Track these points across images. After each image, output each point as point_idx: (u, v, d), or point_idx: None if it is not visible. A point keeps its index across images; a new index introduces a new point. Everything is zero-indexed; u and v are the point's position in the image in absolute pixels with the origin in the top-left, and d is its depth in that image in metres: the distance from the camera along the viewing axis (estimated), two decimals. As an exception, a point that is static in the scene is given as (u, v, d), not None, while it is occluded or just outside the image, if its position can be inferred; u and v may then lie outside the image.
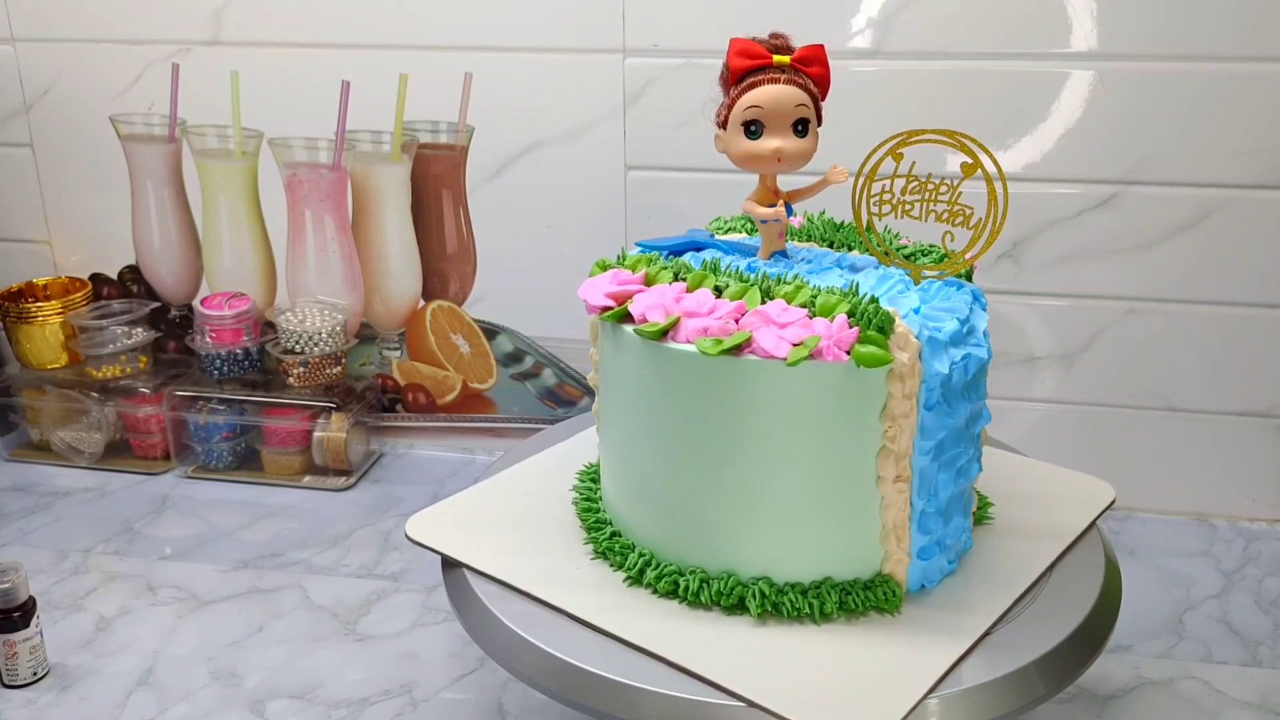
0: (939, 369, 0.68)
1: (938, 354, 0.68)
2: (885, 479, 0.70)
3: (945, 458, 0.72)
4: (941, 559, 0.75)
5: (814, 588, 0.73)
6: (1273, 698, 0.93)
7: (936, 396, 0.69)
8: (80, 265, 1.39)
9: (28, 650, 0.95)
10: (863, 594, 0.72)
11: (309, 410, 1.28)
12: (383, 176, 1.27)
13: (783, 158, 0.75)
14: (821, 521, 0.72)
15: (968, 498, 0.77)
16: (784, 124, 0.75)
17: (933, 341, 0.68)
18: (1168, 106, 1.08)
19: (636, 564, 0.76)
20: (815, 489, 0.71)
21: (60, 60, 1.30)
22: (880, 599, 0.72)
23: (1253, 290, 1.12)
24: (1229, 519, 1.21)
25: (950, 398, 0.70)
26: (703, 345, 0.69)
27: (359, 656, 0.99)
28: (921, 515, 0.72)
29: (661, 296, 0.73)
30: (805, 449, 0.70)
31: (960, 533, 0.76)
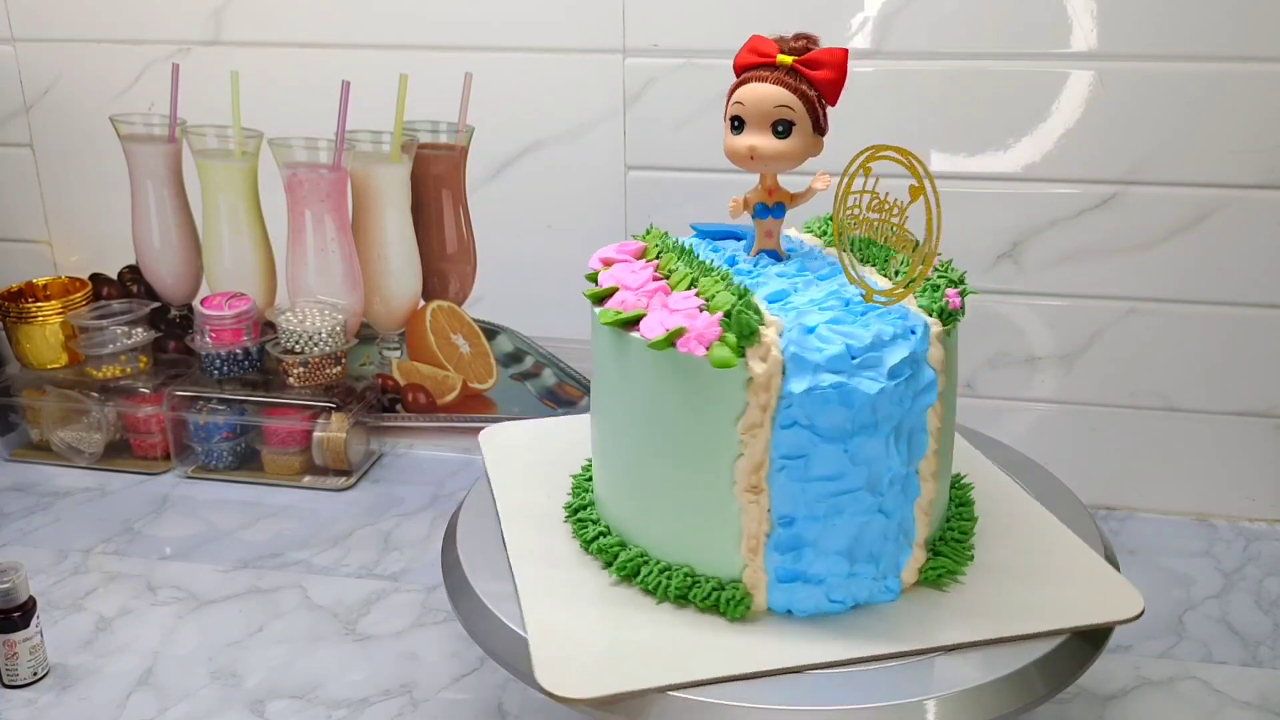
0: (795, 389, 0.66)
1: (800, 374, 0.67)
2: (739, 486, 0.70)
3: (813, 486, 0.69)
4: (814, 592, 0.72)
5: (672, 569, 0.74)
6: (1273, 698, 0.93)
7: (796, 417, 0.67)
8: (80, 265, 1.39)
9: (28, 650, 0.95)
10: (710, 590, 0.72)
11: (309, 410, 1.28)
12: (383, 176, 1.27)
13: (755, 156, 0.75)
14: (686, 512, 0.74)
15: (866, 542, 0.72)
16: (763, 123, 0.74)
17: (798, 360, 0.67)
18: (1168, 106, 1.08)
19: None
20: (680, 479, 0.73)
21: (60, 60, 1.30)
22: (723, 602, 0.72)
23: (1253, 290, 1.12)
24: (1229, 519, 1.21)
25: (818, 424, 0.68)
26: (604, 314, 0.73)
27: (359, 656, 0.99)
28: (779, 535, 0.71)
29: (627, 269, 0.77)
30: (672, 436, 0.72)
31: (847, 575, 0.72)
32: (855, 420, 0.68)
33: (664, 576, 0.74)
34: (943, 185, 1.17)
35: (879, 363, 0.67)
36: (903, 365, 0.68)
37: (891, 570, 0.73)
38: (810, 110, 0.74)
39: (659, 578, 0.74)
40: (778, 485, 0.69)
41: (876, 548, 0.72)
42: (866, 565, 0.72)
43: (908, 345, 0.68)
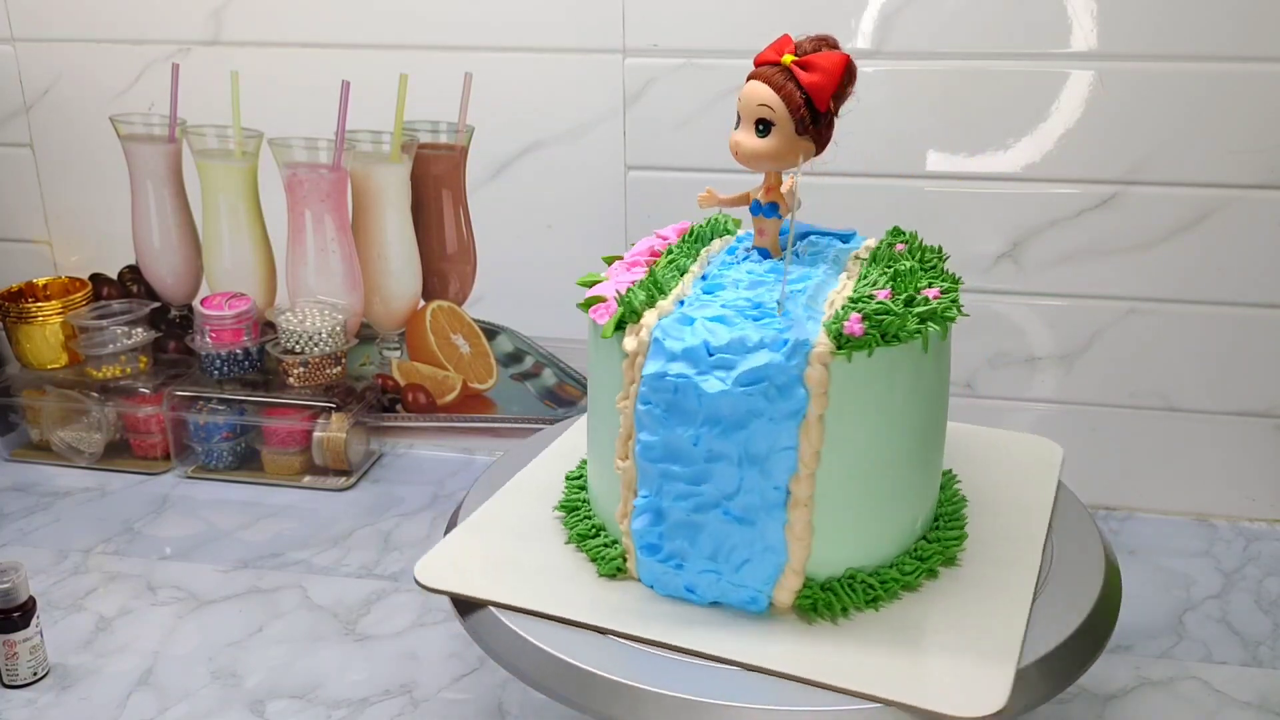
0: (648, 371, 0.69)
1: (656, 358, 0.69)
2: (616, 453, 0.74)
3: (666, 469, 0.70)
4: (675, 577, 0.72)
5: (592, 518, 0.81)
6: (1273, 698, 0.93)
7: (649, 398, 0.70)
8: (80, 265, 1.39)
9: (28, 650, 0.95)
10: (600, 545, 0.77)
11: (309, 410, 1.28)
12: (383, 176, 1.27)
13: (737, 153, 0.76)
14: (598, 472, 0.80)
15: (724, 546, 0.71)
16: (749, 120, 0.75)
17: (656, 344, 0.69)
18: (1168, 106, 1.08)
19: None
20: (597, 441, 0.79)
21: (60, 60, 1.30)
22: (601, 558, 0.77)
23: (1253, 290, 1.12)
24: (1229, 519, 1.21)
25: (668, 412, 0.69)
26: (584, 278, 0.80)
27: (359, 656, 0.99)
28: (639, 508, 0.73)
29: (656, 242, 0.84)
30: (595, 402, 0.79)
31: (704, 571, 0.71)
32: (703, 416, 0.68)
33: (580, 521, 0.80)
34: (943, 185, 1.18)
35: (732, 365, 0.67)
36: (756, 374, 0.67)
37: (756, 583, 0.71)
38: (794, 112, 0.74)
39: (577, 521, 0.80)
40: (638, 460, 0.72)
41: (734, 554, 0.71)
42: (722, 566, 0.71)
43: (768, 355, 0.67)
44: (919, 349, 0.71)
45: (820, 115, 0.75)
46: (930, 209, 1.15)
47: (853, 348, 0.67)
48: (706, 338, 0.68)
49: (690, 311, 0.71)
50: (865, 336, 0.67)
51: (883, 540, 0.75)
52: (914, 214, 1.14)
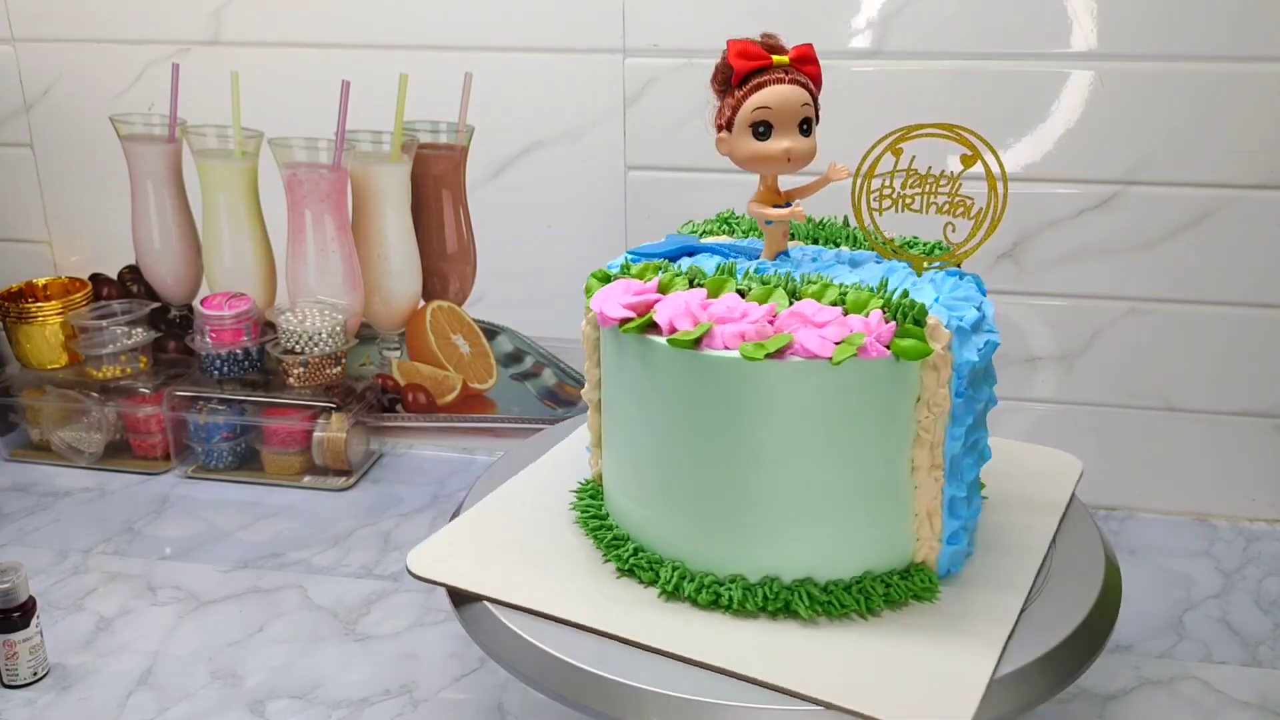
0: (968, 356, 0.70)
1: (965, 342, 0.70)
2: (921, 468, 0.72)
3: (970, 442, 0.74)
4: (965, 543, 0.77)
5: (856, 583, 0.73)
6: (1273, 698, 0.93)
7: (965, 384, 0.71)
8: (80, 265, 1.39)
9: (28, 650, 0.95)
10: (901, 584, 0.74)
11: (309, 410, 1.28)
12: (383, 176, 1.27)
13: (792, 158, 0.75)
14: (859, 516, 0.73)
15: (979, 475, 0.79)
16: (791, 124, 0.75)
17: (960, 330, 0.70)
18: (1167, 106, 1.08)
19: (672, 579, 0.74)
20: (854, 484, 0.72)
21: (60, 60, 1.30)
22: (918, 587, 0.74)
23: (1253, 290, 1.12)
24: (1229, 519, 1.21)
25: (975, 384, 0.73)
26: (746, 350, 0.68)
27: (359, 656, 0.99)
28: (952, 500, 0.74)
29: (687, 304, 0.71)
30: (845, 445, 0.71)
31: (977, 514, 0.79)
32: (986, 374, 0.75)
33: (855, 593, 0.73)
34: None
35: (986, 317, 0.73)
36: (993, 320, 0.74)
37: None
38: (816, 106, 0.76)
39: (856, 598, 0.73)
40: (953, 454, 0.73)
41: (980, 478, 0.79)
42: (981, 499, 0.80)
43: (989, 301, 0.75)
44: None
45: None
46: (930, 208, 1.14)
47: None
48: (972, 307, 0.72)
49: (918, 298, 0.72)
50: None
51: None
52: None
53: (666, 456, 0.75)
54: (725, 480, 0.72)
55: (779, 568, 0.73)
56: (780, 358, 0.68)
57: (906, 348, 0.68)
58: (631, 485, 0.79)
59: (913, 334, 0.68)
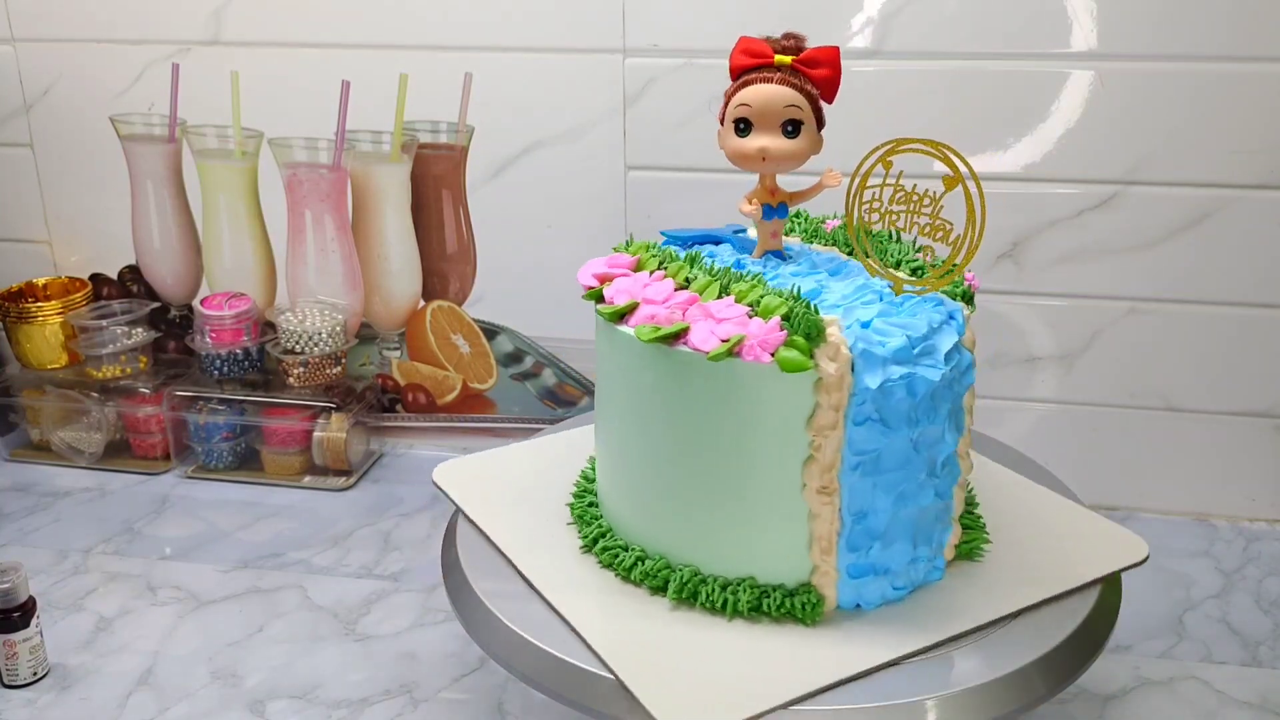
0: (869, 384, 0.67)
1: (871, 369, 0.67)
2: (810, 488, 0.69)
3: (883, 479, 0.70)
4: (882, 583, 0.73)
5: (734, 584, 0.73)
6: (1272, 698, 0.93)
7: (869, 413, 0.68)
8: (80, 265, 1.39)
9: (28, 650, 0.95)
10: (781, 599, 0.71)
11: (309, 410, 1.28)
12: (383, 176, 1.27)
13: (767, 157, 0.75)
14: (749, 522, 0.72)
15: (924, 526, 0.73)
16: (772, 124, 0.74)
17: (867, 355, 0.67)
18: (1168, 106, 1.08)
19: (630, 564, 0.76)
20: (743, 488, 0.71)
21: (60, 60, 1.30)
22: (798, 607, 0.71)
23: (1253, 290, 1.12)
24: (1229, 519, 1.21)
25: (889, 417, 0.68)
26: (641, 331, 0.70)
27: (359, 656, 0.99)
28: (851, 532, 0.71)
29: (634, 282, 0.74)
30: (732, 447, 0.70)
31: (910, 560, 0.73)
32: (919, 409, 0.69)
33: (729, 593, 0.72)
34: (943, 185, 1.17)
35: (935, 350, 0.69)
36: (954, 351, 0.70)
37: (939, 550, 0.76)
38: (814, 109, 0.75)
39: (724, 595, 0.72)
40: (851, 482, 0.69)
41: (929, 530, 0.74)
42: (924, 548, 0.74)
43: (954, 331, 0.71)
44: None
45: None
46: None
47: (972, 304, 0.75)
48: (907, 333, 0.68)
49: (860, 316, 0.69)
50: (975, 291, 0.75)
51: None
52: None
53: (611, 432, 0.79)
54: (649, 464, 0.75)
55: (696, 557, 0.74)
56: (672, 344, 0.69)
57: (786, 359, 0.66)
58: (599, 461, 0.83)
59: (799, 346, 0.66)
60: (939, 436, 0.71)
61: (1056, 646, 0.70)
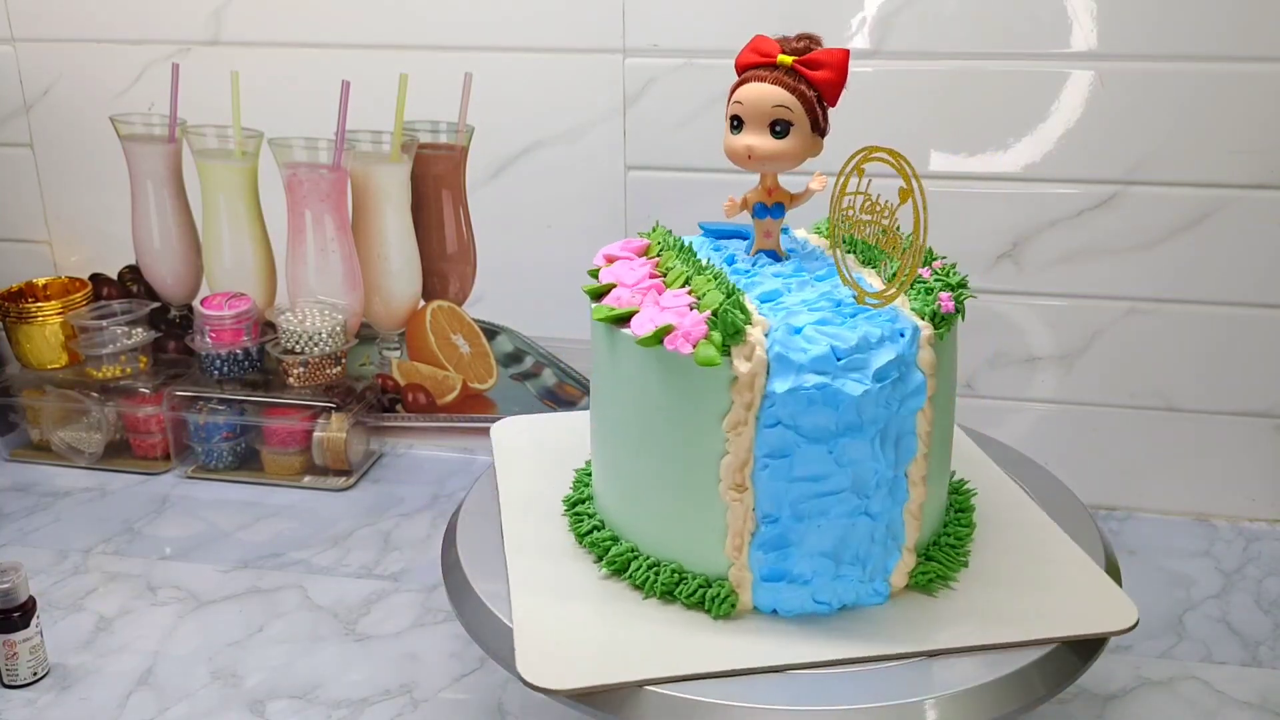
0: (778, 388, 0.67)
1: (784, 374, 0.67)
2: (724, 482, 0.70)
3: (796, 487, 0.69)
4: (801, 593, 0.72)
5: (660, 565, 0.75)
6: (1272, 698, 0.93)
7: (780, 416, 0.68)
8: (80, 265, 1.39)
9: (28, 650, 0.95)
10: (696, 588, 0.73)
11: (309, 410, 1.28)
12: (383, 176, 1.27)
13: (753, 156, 0.75)
14: (677, 510, 0.74)
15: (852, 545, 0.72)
16: (761, 123, 0.75)
17: (781, 359, 0.67)
18: (1167, 106, 1.08)
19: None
20: (672, 475, 0.73)
21: (60, 60, 1.30)
22: (709, 599, 0.72)
23: (1253, 290, 1.12)
24: (1229, 519, 1.21)
25: (803, 425, 0.68)
26: (597, 311, 0.73)
27: (359, 656, 0.99)
28: (763, 534, 0.71)
29: (627, 266, 0.77)
30: (664, 434, 0.72)
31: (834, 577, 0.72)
32: (840, 422, 0.68)
33: (652, 572, 0.75)
34: (943, 185, 1.18)
35: (865, 364, 0.67)
36: (889, 368, 0.68)
37: (880, 573, 0.73)
38: (809, 111, 0.74)
39: (647, 573, 0.75)
40: (761, 484, 0.70)
41: (863, 550, 0.72)
42: (853, 567, 0.72)
43: (895, 348, 0.68)
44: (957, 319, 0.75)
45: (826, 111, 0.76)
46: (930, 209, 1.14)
47: (946, 326, 0.71)
48: (832, 343, 0.67)
49: (788, 321, 0.69)
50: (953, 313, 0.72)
51: (944, 505, 0.80)
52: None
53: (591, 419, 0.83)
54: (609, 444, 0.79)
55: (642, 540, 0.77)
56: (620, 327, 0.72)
57: (700, 353, 0.67)
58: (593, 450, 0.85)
59: (715, 343, 0.67)
60: (868, 455, 0.69)
61: (1057, 646, 0.70)
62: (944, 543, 0.77)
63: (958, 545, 0.78)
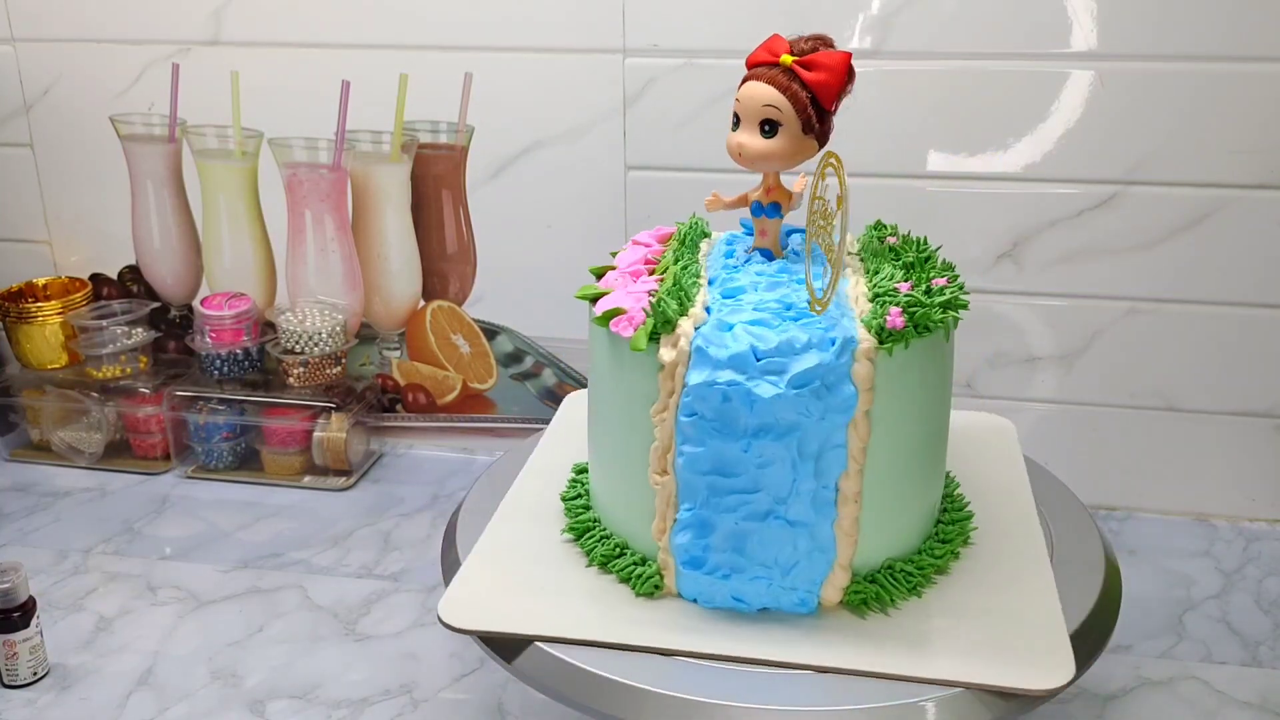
0: (692, 380, 0.68)
1: (700, 367, 0.68)
2: (651, 465, 0.73)
3: (710, 480, 0.70)
4: (721, 588, 0.72)
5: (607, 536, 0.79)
6: (1272, 698, 0.93)
7: (696, 408, 0.68)
8: (80, 265, 1.39)
9: (28, 650, 0.95)
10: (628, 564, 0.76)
11: (309, 410, 1.28)
12: (383, 176, 1.27)
13: (743, 154, 0.76)
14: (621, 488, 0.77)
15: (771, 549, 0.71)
16: (753, 121, 0.75)
17: (700, 353, 0.68)
18: (1168, 106, 1.08)
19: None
20: (618, 454, 0.77)
21: (60, 60, 1.30)
22: (635, 576, 0.75)
23: (1253, 290, 1.12)
24: (1229, 519, 1.21)
25: (718, 420, 0.68)
26: (582, 290, 0.77)
27: (359, 656, 0.99)
28: (683, 523, 0.71)
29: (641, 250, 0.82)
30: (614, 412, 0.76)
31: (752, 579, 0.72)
32: (753, 423, 0.68)
33: (600, 542, 0.78)
34: (943, 185, 1.18)
35: (783, 368, 0.67)
36: (809, 375, 0.67)
37: (806, 584, 0.72)
38: (800, 111, 0.74)
39: (596, 543, 0.78)
40: (679, 472, 0.71)
41: (785, 556, 0.71)
42: (770, 570, 0.72)
43: (819, 356, 0.67)
44: (941, 338, 0.72)
45: (825, 114, 0.75)
46: (930, 209, 1.15)
47: (894, 341, 0.69)
48: (753, 343, 0.67)
49: (725, 317, 0.70)
50: (905, 330, 0.69)
51: (915, 529, 0.77)
52: (914, 214, 1.14)
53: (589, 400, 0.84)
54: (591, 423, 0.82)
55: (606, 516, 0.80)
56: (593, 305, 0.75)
57: (633, 339, 0.70)
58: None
59: (645, 329, 0.69)
60: (784, 461, 0.69)
61: (1057, 646, 0.70)
62: (900, 567, 0.75)
63: (913, 573, 0.75)
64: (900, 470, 0.73)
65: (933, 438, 0.76)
